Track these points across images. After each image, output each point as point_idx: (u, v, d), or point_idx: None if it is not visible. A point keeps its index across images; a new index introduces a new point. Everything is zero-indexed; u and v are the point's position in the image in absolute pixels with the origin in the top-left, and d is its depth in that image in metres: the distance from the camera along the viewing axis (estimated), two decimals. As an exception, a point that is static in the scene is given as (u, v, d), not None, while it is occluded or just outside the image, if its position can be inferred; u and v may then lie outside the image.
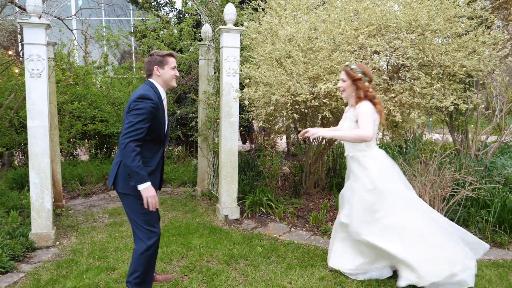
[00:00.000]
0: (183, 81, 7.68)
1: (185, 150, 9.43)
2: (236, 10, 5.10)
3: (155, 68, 3.04)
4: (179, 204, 6.12)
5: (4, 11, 5.60)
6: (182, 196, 6.68)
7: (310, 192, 6.15)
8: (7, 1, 5.65)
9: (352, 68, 3.37)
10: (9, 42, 6.48)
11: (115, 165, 3.00)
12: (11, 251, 4.09)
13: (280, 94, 4.37)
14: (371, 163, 3.42)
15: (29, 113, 4.44)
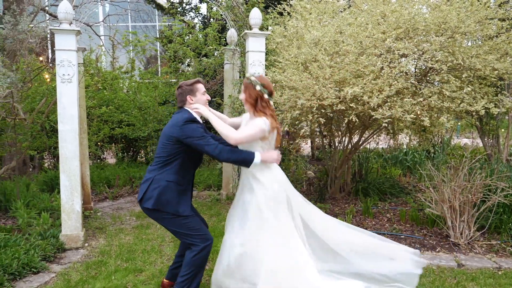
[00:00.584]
0: (208, 85, 7.75)
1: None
2: (261, 14, 5.13)
3: (188, 98, 3.15)
4: (204, 207, 6.16)
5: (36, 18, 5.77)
6: (207, 199, 6.72)
7: (335, 197, 6.10)
8: (39, 9, 5.83)
9: (251, 80, 3.15)
10: (41, 49, 6.68)
11: (145, 181, 3.10)
12: (43, 251, 4.20)
13: (306, 98, 4.35)
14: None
15: (60, 117, 4.56)
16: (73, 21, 4.66)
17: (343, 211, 5.58)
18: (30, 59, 5.29)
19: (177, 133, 2.97)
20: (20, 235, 4.50)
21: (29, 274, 3.86)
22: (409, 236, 4.69)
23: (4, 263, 3.75)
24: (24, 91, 5.33)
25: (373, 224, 5.10)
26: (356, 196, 6.15)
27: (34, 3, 5.62)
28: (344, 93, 4.16)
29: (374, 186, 6.14)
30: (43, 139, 7.04)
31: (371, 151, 7.93)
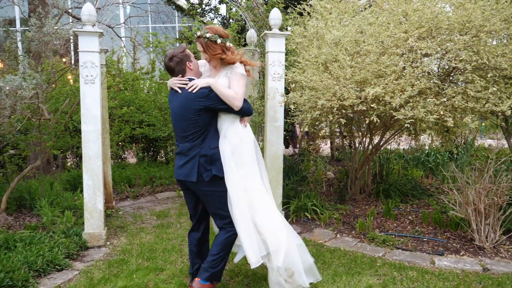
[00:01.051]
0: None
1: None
2: (281, 15, 5.11)
3: (188, 65, 3.26)
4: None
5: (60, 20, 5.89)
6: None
7: (355, 198, 6.04)
8: (64, 11, 5.94)
9: (208, 37, 3.12)
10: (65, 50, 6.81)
11: (190, 160, 3.19)
12: (66, 249, 4.29)
13: (326, 99, 4.32)
14: None
15: (83, 118, 4.64)
16: (95, 23, 4.74)
17: (364, 212, 5.53)
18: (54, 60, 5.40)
19: (206, 103, 3.12)
20: (45, 233, 4.60)
21: (53, 271, 3.94)
22: (432, 239, 4.61)
23: (29, 260, 3.85)
24: (48, 92, 5.44)
25: (394, 226, 5.03)
26: (377, 198, 6.08)
27: (59, 5, 5.73)
28: (365, 93, 4.11)
29: (395, 188, 6.06)
30: (67, 139, 7.19)
31: (392, 152, 7.83)
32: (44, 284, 3.68)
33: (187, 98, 3.14)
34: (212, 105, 3.14)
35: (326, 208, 5.54)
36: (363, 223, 4.93)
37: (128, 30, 13.91)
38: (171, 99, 3.30)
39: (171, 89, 3.29)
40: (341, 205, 5.73)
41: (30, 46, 4.86)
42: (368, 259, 4.14)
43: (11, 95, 4.59)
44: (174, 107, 3.24)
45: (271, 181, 5.18)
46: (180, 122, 3.21)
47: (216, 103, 3.14)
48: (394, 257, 4.18)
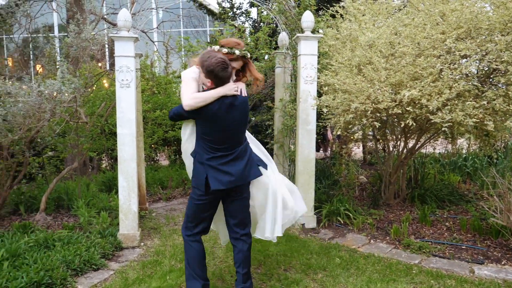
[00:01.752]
0: (259, 89, 7.76)
1: (260, 157, 9.51)
2: (313, 17, 5.08)
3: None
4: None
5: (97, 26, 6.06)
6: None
7: (389, 203, 5.91)
8: (100, 18, 6.10)
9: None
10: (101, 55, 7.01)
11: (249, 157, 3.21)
12: (102, 249, 4.39)
13: (360, 102, 4.25)
14: None
15: (119, 121, 4.75)
16: (130, 29, 4.84)
17: (398, 218, 5.39)
18: (92, 65, 5.56)
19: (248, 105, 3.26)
20: (82, 233, 4.73)
21: (89, 271, 4.04)
22: (471, 247, 4.45)
23: (68, 259, 3.95)
24: (86, 96, 5.60)
25: (431, 233, 4.89)
26: (412, 203, 5.92)
27: (96, 12, 5.90)
28: (401, 96, 4.03)
29: (431, 193, 5.88)
30: (102, 141, 7.38)
31: (427, 156, 7.62)
32: (81, 283, 3.77)
33: (245, 102, 3.13)
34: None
35: (359, 213, 5.44)
36: (397, 229, 4.81)
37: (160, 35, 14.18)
38: (227, 109, 3.01)
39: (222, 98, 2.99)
40: (375, 210, 5.61)
41: (69, 51, 5.02)
42: (404, 266, 4.04)
43: (51, 99, 4.75)
44: (235, 115, 3.04)
45: (303, 184, 5.16)
46: (241, 127, 3.13)
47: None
48: (431, 265, 4.06)
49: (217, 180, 3.05)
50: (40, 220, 5.23)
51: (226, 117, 3.02)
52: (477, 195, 6.15)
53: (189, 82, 3.00)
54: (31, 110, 4.69)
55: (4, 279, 3.45)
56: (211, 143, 3.06)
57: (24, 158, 5.46)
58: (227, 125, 3.03)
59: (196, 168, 3.15)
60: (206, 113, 2.98)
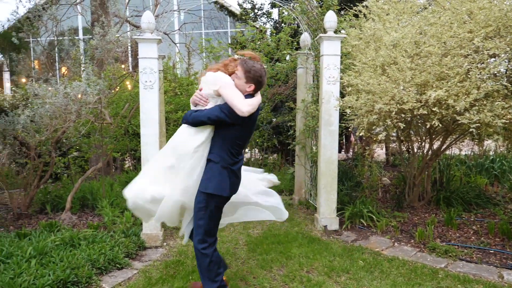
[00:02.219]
0: (280, 90, 7.76)
1: (281, 158, 9.50)
2: (336, 17, 5.03)
3: None
4: (276, 212, 6.15)
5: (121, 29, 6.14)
6: (279, 204, 6.71)
7: (414, 206, 5.80)
8: (124, 20, 6.19)
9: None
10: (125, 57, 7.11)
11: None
12: (126, 249, 4.44)
13: (384, 102, 4.19)
14: None
15: (142, 122, 4.80)
16: (154, 30, 4.89)
17: (423, 221, 5.29)
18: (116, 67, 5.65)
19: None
20: (106, 232, 4.80)
21: (113, 270, 4.09)
22: (499, 251, 4.32)
23: (92, 258, 4.01)
24: (110, 97, 5.69)
25: (457, 236, 4.77)
26: (437, 206, 5.80)
27: (120, 14, 5.98)
28: (427, 97, 3.95)
29: (457, 195, 5.75)
30: (125, 142, 7.48)
31: (452, 158, 7.46)
32: (105, 282, 3.82)
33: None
34: None
35: (383, 215, 5.36)
36: (422, 231, 4.71)
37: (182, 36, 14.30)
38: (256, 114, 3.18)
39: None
40: (399, 212, 5.52)
41: (94, 54, 5.10)
42: (429, 270, 3.95)
43: (76, 101, 4.84)
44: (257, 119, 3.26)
45: (325, 186, 5.12)
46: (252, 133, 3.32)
47: None
48: (458, 269, 3.96)
49: (235, 185, 3.18)
50: (65, 219, 5.33)
51: (255, 122, 3.20)
52: (506, 198, 5.98)
53: (235, 88, 3.05)
54: (57, 111, 4.79)
55: (32, 276, 3.52)
56: (240, 147, 3.15)
57: (51, 158, 5.59)
58: (252, 129, 3.23)
59: (220, 173, 3.08)
60: (251, 119, 3.06)
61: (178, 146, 3.13)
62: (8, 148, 5.21)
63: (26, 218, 5.49)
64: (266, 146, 9.10)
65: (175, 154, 3.11)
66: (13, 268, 3.64)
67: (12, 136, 5.32)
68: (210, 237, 3.17)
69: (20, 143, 5.52)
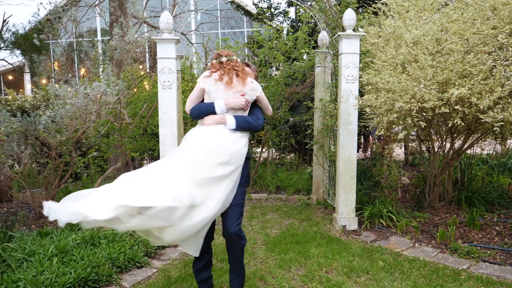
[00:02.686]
0: (298, 89, 7.72)
1: (298, 157, 9.46)
2: (355, 15, 4.98)
3: None
4: (294, 211, 6.13)
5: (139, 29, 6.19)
6: (297, 203, 6.69)
7: (434, 206, 5.70)
8: (143, 21, 6.24)
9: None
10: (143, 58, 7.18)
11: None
12: (145, 247, 4.47)
13: (404, 101, 4.12)
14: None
15: (161, 121, 4.83)
16: (172, 31, 4.92)
17: (444, 221, 5.19)
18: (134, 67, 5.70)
19: None
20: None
21: (133, 268, 4.12)
22: (524, 253, 4.22)
23: (113, 257, 4.05)
24: (129, 97, 5.74)
25: (479, 237, 4.67)
26: (458, 206, 5.69)
27: (138, 15, 6.03)
28: (449, 95, 3.87)
29: (480, 196, 5.62)
30: (144, 142, 7.55)
31: (473, 157, 7.31)
32: (125, 280, 3.85)
33: None
34: None
35: (403, 215, 5.28)
36: (444, 232, 4.63)
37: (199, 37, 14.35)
38: None
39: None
40: (419, 212, 5.43)
41: (113, 54, 5.15)
42: (451, 272, 3.87)
43: (96, 101, 4.90)
44: None
45: (344, 185, 5.07)
46: None
47: None
48: (481, 271, 3.87)
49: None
50: (86, 218, 5.39)
51: None
52: (530, 199, 5.83)
53: None
54: (78, 112, 4.85)
55: (54, 275, 3.57)
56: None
57: (71, 158, 5.67)
58: None
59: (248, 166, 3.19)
60: None
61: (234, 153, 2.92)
62: (30, 148, 5.30)
63: (47, 217, 5.57)
64: (284, 146, 9.06)
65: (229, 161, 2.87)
66: (35, 266, 3.70)
67: (34, 137, 5.42)
68: None
69: (41, 143, 5.62)
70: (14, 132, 5.07)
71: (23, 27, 6.08)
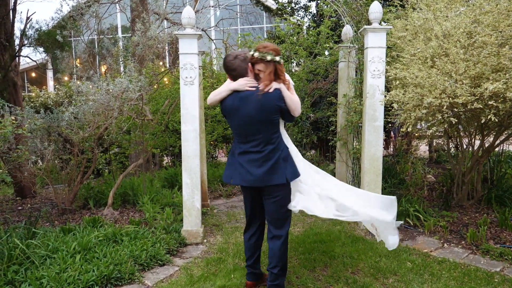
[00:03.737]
0: (320, 84, 7.58)
1: (319, 154, 9.33)
2: (381, 8, 4.82)
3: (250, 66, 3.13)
4: (317, 209, 6.01)
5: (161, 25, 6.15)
6: (319, 201, 6.56)
7: (463, 205, 5.51)
8: (164, 17, 6.19)
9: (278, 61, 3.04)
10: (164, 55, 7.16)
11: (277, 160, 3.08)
12: (167, 245, 4.44)
13: (434, 96, 3.96)
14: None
15: (183, 118, 4.77)
16: (194, 26, 4.85)
17: (474, 221, 5.01)
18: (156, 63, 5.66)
19: (281, 104, 3.05)
20: (147, 228, 4.82)
21: (155, 266, 4.10)
22: (561, 255, 4.02)
23: (135, 254, 4.03)
24: (151, 93, 5.71)
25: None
26: (488, 205, 5.48)
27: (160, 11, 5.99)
28: (482, 90, 3.70)
29: (511, 194, 5.41)
30: (165, 138, 7.53)
31: (502, 154, 7.04)
32: (148, 278, 3.82)
33: (266, 98, 3.00)
34: (284, 107, 3.07)
35: (430, 214, 5.12)
36: (474, 232, 4.45)
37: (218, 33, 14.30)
38: (239, 104, 3.06)
39: (234, 92, 3.08)
40: (447, 211, 5.25)
41: (135, 50, 5.12)
42: (484, 274, 3.71)
43: (118, 97, 4.87)
44: (249, 109, 3.03)
45: (369, 183, 4.94)
46: (259, 124, 3.05)
47: (285, 105, 3.07)
48: (515, 274, 3.71)
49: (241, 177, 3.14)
50: (108, 215, 5.40)
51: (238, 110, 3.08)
52: None
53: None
54: (100, 108, 4.84)
55: (76, 272, 3.56)
56: (236, 136, 3.23)
57: (93, 155, 5.68)
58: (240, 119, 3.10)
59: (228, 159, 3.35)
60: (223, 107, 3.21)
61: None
62: (53, 145, 5.32)
63: (70, 213, 5.61)
64: (305, 143, 8.93)
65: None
66: (58, 263, 3.70)
67: (57, 133, 5.44)
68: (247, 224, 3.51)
69: (64, 140, 5.64)
70: (37, 128, 5.09)
71: (46, 24, 6.12)
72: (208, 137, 8.34)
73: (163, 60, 10.15)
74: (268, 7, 18.14)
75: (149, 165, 8.12)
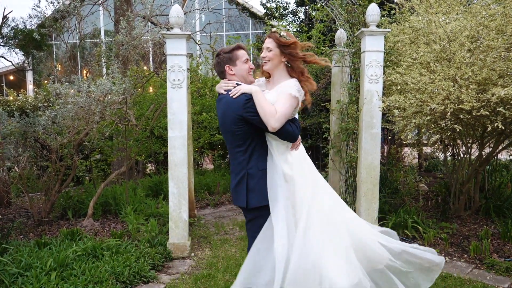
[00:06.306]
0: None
1: (309, 162, 9.08)
2: (379, 10, 4.63)
3: (226, 68, 2.67)
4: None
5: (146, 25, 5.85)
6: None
7: (460, 215, 5.32)
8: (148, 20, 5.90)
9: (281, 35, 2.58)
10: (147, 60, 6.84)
11: (241, 178, 2.60)
12: (152, 260, 4.13)
13: (437, 102, 3.76)
14: None
15: (170, 123, 4.47)
16: (182, 26, 4.57)
17: (474, 232, 4.80)
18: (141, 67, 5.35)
19: (242, 113, 2.50)
20: (130, 241, 4.48)
21: (139, 284, 3.78)
22: None
23: (117, 271, 3.71)
24: (136, 97, 5.39)
25: (517, 252, 4.29)
26: (486, 216, 5.30)
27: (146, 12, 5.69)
28: (489, 96, 3.51)
29: (510, 205, 5.24)
30: (149, 145, 7.18)
31: (497, 163, 6.91)
32: (131, 298, 3.49)
33: (227, 105, 2.57)
34: (249, 117, 2.49)
35: (428, 225, 4.90)
36: (477, 245, 4.25)
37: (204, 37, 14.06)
38: (217, 105, 2.74)
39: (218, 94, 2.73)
40: (445, 223, 5.05)
41: (119, 50, 4.80)
42: (491, 291, 3.50)
43: (100, 101, 4.55)
44: (219, 115, 2.72)
45: (365, 193, 4.71)
46: (224, 133, 2.70)
47: (253, 116, 2.48)
48: (524, 290, 3.51)
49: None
50: (87, 226, 5.04)
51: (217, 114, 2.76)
52: None
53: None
54: (80, 112, 4.50)
55: (52, 292, 3.22)
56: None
57: (73, 162, 5.31)
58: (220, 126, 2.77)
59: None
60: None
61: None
62: (29, 151, 4.94)
63: (47, 225, 5.21)
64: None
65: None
66: (31, 282, 3.35)
67: (33, 138, 5.06)
68: None
69: (41, 146, 5.27)
70: (11, 133, 4.71)
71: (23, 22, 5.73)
72: (194, 144, 8.02)
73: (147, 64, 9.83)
74: (254, 13, 18.03)
75: (132, 173, 7.75)
